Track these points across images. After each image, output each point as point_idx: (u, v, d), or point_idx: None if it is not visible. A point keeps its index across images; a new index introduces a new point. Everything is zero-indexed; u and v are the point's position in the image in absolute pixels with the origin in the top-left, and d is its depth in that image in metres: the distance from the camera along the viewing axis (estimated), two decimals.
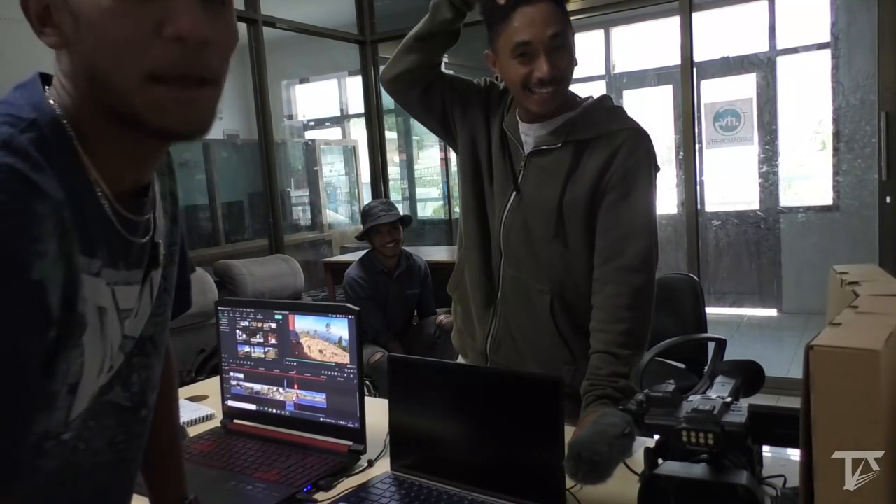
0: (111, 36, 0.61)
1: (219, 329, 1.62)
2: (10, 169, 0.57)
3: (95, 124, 0.66)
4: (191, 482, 1.33)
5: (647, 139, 1.46)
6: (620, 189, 1.42)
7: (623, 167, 1.42)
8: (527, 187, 1.50)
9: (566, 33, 1.39)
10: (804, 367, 0.65)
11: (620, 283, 1.41)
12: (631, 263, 1.42)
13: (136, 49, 0.61)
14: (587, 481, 0.80)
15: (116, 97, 0.63)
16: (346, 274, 3.64)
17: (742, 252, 6.09)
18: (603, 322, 1.41)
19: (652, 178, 1.46)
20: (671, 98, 6.01)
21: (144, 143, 0.68)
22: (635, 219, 1.43)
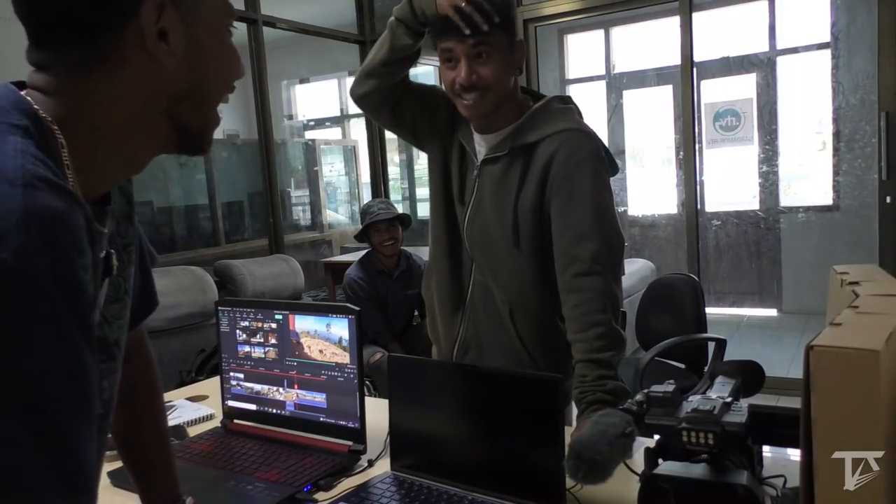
0: (227, 67, 0.73)
1: (219, 329, 1.62)
2: (47, 181, 0.56)
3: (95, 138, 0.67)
4: (191, 482, 1.33)
5: (588, 138, 1.44)
6: (563, 193, 1.42)
7: (564, 170, 1.42)
8: (482, 196, 1.52)
9: (492, 42, 1.40)
10: (804, 367, 0.65)
11: (582, 290, 1.39)
12: (587, 268, 1.39)
13: (232, 81, 0.74)
14: (587, 481, 0.80)
15: (202, 115, 0.73)
16: (346, 274, 3.64)
17: (742, 252, 6.09)
18: (576, 332, 1.40)
19: (598, 178, 1.42)
20: (671, 98, 6.00)
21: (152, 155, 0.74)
22: (582, 222, 1.40)
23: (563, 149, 1.42)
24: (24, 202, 0.53)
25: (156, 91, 0.69)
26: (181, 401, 1.82)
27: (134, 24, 0.66)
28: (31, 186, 0.55)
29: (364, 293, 3.54)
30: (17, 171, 0.55)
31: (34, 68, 0.68)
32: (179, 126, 0.71)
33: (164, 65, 0.68)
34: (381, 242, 3.52)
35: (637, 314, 3.19)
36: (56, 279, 0.54)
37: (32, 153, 0.59)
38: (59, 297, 0.54)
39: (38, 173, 0.56)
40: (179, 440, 1.56)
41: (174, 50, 0.68)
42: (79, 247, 0.57)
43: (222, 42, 0.72)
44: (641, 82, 6.44)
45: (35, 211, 0.54)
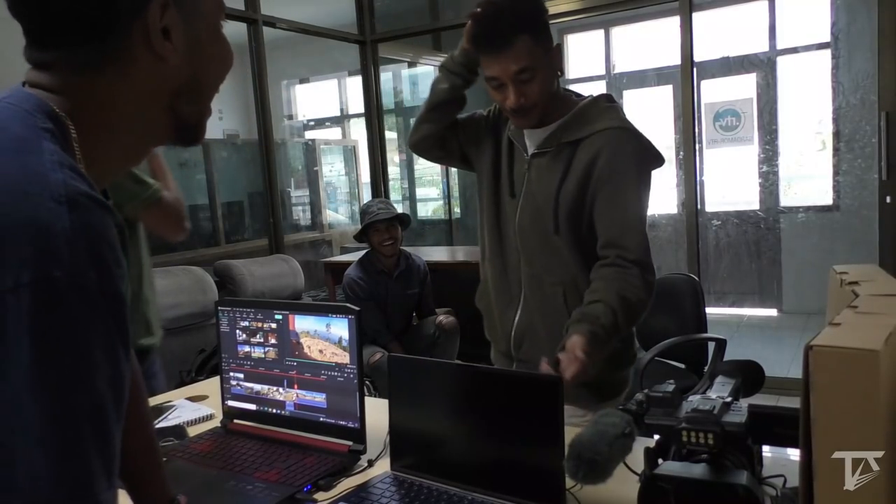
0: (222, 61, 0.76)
1: (219, 329, 1.62)
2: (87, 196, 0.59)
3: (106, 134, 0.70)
4: (191, 482, 1.33)
5: (632, 137, 1.51)
6: (608, 189, 1.49)
7: (608, 167, 1.48)
8: (531, 186, 1.59)
9: (534, 67, 1.46)
10: (804, 367, 0.65)
11: (626, 269, 1.46)
12: (633, 255, 1.47)
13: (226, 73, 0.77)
14: (587, 481, 0.80)
15: (200, 107, 0.76)
16: (346, 274, 3.64)
17: (742, 252, 6.09)
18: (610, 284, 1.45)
19: (639, 176, 1.51)
20: (671, 98, 6.01)
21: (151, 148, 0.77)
22: (627, 216, 1.49)
23: (608, 147, 1.48)
24: (71, 220, 0.56)
25: (160, 86, 0.72)
26: (181, 401, 1.82)
27: (140, 23, 0.68)
28: (75, 204, 0.57)
29: (363, 293, 3.54)
30: (61, 188, 0.57)
31: (35, 67, 0.69)
32: (179, 119, 0.74)
33: (167, 61, 0.70)
34: (380, 242, 3.52)
35: None
36: (103, 294, 0.57)
37: (68, 164, 0.61)
38: (107, 311, 0.57)
39: (79, 189, 0.58)
40: (179, 440, 1.56)
41: (177, 47, 0.70)
42: (118, 260, 0.59)
43: (217, 37, 0.75)
44: (641, 82, 6.44)
45: (81, 228, 0.56)
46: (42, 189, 0.56)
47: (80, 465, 0.56)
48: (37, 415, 0.54)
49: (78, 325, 0.55)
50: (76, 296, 0.55)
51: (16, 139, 0.61)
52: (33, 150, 0.60)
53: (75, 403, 0.55)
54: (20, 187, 0.56)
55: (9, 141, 0.60)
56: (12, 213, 0.55)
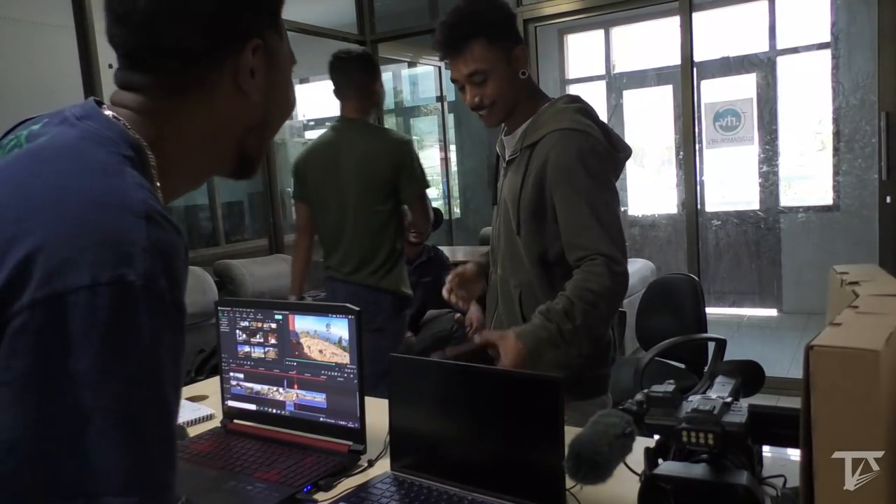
0: (290, 107, 0.85)
1: (219, 329, 1.62)
2: (163, 216, 0.63)
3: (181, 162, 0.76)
4: (191, 482, 1.33)
5: (581, 136, 1.52)
6: (560, 190, 1.52)
7: (555, 170, 1.52)
8: (504, 193, 1.66)
9: (486, 69, 1.54)
10: (804, 367, 0.65)
11: (591, 261, 1.48)
12: (591, 249, 1.48)
13: (289, 115, 0.86)
14: (587, 481, 0.80)
15: (263, 144, 0.82)
16: None
17: (742, 252, 6.09)
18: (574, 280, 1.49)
19: (587, 174, 1.50)
20: (671, 98, 6.01)
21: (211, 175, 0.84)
22: (580, 217, 1.50)
23: (556, 147, 1.51)
24: (147, 233, 0.60)
25: (236, 119, 0.78)
26: (181, 401, 1.82)
27: (233, 59, 0.75)
28: (152, 220, 0.62)
29: None
30: (140, 205, 0.62)
31: (123, 87, 0.75)
32: (244, 151, 0.81)
33: (249, 98, 0.77)
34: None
35: (637, 314, 3.19)
36: (172, 303, 0.61)
37: (147, 187, 0.66)
38: (173, 320, 0.62)
39: (156, 208, 0.64)
40: (179, 440, 1.55)
41: (258, 86, 0.77)
42: (185, 275, 0.65)
43: (288, 84, 0.83)
44: (641, 82, 6.44)
45: (156, 241, 0.61)
46: (124, 203, 0.62)
47: (148, 465, 0.58)
48: (104, 410, 0.56)
49: (149, 326, 0.58)
50: (149, 300, 0.59)
51: (102, 163, 0.66)
52: (116, 172, 0.65)
53: (144, 401, 0.58)
54: (104, 201, 0.62)
55: (95, 163, 0.65)
56: (96, 223, 0.60)
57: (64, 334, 0.55)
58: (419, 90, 7.01)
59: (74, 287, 0.56)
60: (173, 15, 0.71)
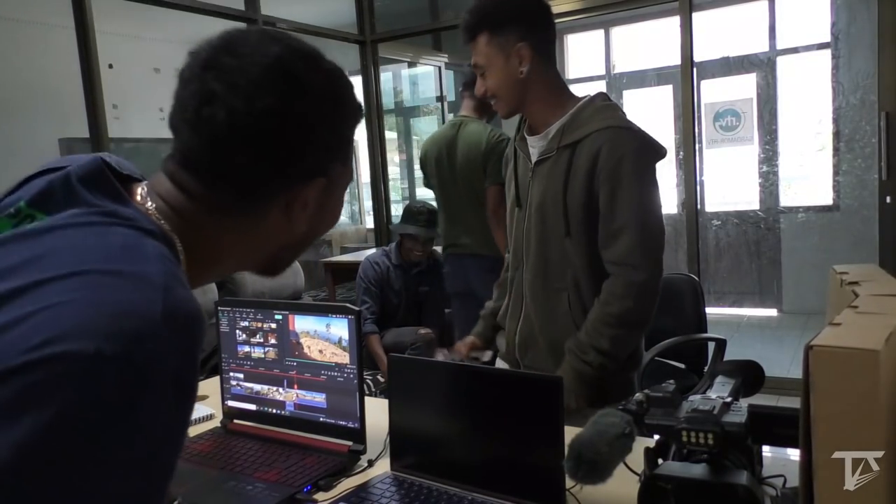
0: (335, 219, 0.80)
1: (219, 329, 1.62)
2: (182, 286, 0.60)
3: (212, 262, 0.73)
4: (191, 482, 1.33)
5: (629, 135, 1.52)
6: (607, 187, 1.50)
7: (607, 166, 1.50)
8: (536, 194, 1.61)
9: (485, 64, 1.57)
10: (804, 367, 0.65)
11: (614, 276, 1.53)
12: (619, 258, 1.51)
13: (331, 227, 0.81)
14: (587, 481, 0.80)
15: (297, 255, 0.80)
16: (367, 256, 3.69)
17: (742, 252, 6.08)
18: (598, 302, 1.55)
19: (638, 174, 1.51)
20: (671, 98, 6.00)
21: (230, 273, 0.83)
22: (621, 217, 1.50)
23: (607, 146, 1.49)
24: (164, 307, 0.56)
25: (275, 240, 0.75)
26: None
27: (291, 192, 0.71)
28: (171, 294, 0.58)
29: (372, 277, 3.58)
30: (161, 276, 0.59)
31: (171, 180, 0.70)
32: (273, 261, 0.79)
33: (297, 227, 0.74)
34: (411, 249, 3.56)
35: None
36: (175, 383, 0.56)
37: (170, 257, 0.63)
38: (175, 402, 0.57)
39: (177, 277, 0.61)
40: None
41: (308, 217, 0.74)
42: (200, 352, 0.61)
43: (339, 204, 0.79)
44: (641, 82, 6.43)
45: (171, 318, 0.56)
46: (143, 275, 0.58)
47: None
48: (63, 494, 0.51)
49: (143, 408, 0.54)
50: (149, 381, 0.54)
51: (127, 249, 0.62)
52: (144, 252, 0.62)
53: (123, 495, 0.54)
54: (125, 274, 0.58)
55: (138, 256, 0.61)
56: (110, 293, 0.56)
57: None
58: (419, 90, 7.01)
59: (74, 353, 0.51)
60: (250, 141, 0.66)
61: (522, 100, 1.59)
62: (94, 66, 3.35)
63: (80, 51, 3.37)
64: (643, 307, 1.53)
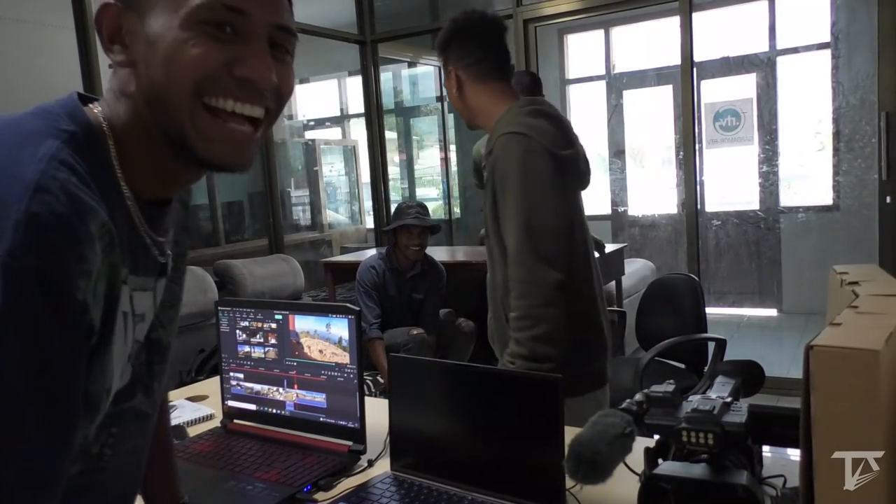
0: (183, 63, 0.65)
1: (219, 329, 1.62)
2: (62, 188, 0.57)
3: (140, 142, 0.69)
4: (191, 482, 1.33)
5: (519, 138, 1.55)
6: (499, 191, 1.58)
7: (497, 172, 1.58)
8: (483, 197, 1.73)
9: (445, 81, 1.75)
10: (804, 367, 0.65)
11: (510, 278, 1.57)
12: (510, 256, 1.56)
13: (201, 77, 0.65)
14: (587, 481, 0.80)
15: (172, 118, 0.66)
16: (364, 260, 3.68)
17: (742, 252, 6.09)
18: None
19: (523, 174, 1.54)
20: (671, 98, 6.00)
21: (186, 167, 0.71)
22: (510, 218, 1.55)
23: (496, 152, 1.58)
24: (29, 204, 0.55)
25: (130, 92, 0.68)
26: (181, 401, 1.82)
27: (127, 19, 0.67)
28: (43, 190, 0.56)
29: (369, 282, 3.58)
30: (34, 175, 0.56)
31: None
32: (161, 132, 0.68)
33: (121, 65, 0.69)
34: (406, 245, 3.55)
35: (637, 314, 3.19)
36: (40, 282, 0.54)
37: (62, 159, 0.60)
38: (39, 298, 0.54)
39: (59, 180, 0.57)
40: (179, 440, 1.56)
41: (131, 50, 0.67)
42: (78, 253, 0.57)
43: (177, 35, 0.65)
44: (641, 82, 6.43)
45: (36, 215, 0.55)
46: (16, 174, 0.56)
47: None
48: None
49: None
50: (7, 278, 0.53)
51: (25, 135, 0.61)
52: (33, 143, 0.60)
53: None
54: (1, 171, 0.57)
55: (17, 136, 0.61)
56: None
57: None
58: (419, 90, 7.02)
59: None
60: None
61: (471, 115, 1.73)
62: (94, 66, 3.35)
63: (80, 51, 3.37)
64: (532, 305, 1.52)
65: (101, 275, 0.60)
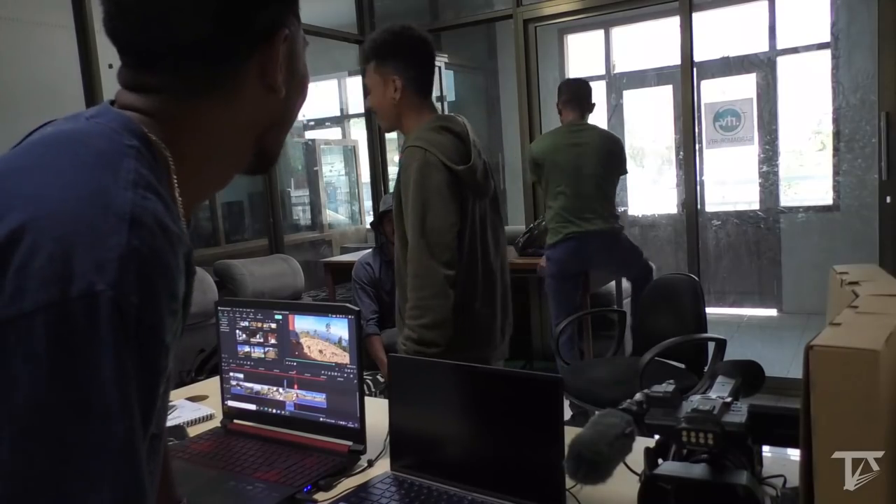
0: (306, 93, 0.75)
1: (219, 329, 1.62)
2: (156, 219, 0.56)
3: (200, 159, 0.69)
4: (191, 482, 1.33)
5: (418, 151, 1.76)
6: (403, 196, 1.80)
7: (402, 178, 1.81)
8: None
9: (369, 86, 1.91)
10: (804, 367, 0.65)
11: (408, 271, 1.79)
12: (409, 253, 1.78)
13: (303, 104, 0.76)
14: (587, 481, 0.80)
15: (283, 138, 0.75)
16: (359, 258, 3.68)
17: (742, 252, 6.08)
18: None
19: (418, 183, 1.74)
20: (671, 98, 6.00)
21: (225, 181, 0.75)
22: (409, 220, 1.77)
23: (402, 161, 1.82)
24: (129, 239, 0.54)
25: (261, 118, 0.71)
26: (181, 401, 1.82)
27: (260, 54, 0.67)
28: (139, 224, 0.55)
29: (366, 278, 3.57)
30: (127, 206, 0.55)
31: (130, 89, 0.67)
32: (262, 149, 0.73)
33: (278, 93, 0.69)
34: (392, 232, 3.53)
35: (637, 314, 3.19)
36: (138, 322, 0.54)
37: (147, 184, 0.59)
38: (134, 339, 0.53)
39: (149, 210, 0.56)
40: (179, 440, 1.56)
41: (285, 80, 0.70)
42: (172, 292, 0.57)
43: (306, 68, 0.74)
44: (641, 82, 6.43)
45: (137, 250, 0.54)
46: (106, 201, 0.55)
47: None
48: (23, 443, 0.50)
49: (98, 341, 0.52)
50: (108, 314, 0.52)
51: (97, 154, 0.59)
52: (111, 165, 0.58)
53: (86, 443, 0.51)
54: (87, 201, 0.55)
55: (89, 156, 0.59)
56: (73, 226, 0.53)
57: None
58: None
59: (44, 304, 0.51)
60: (186, 6, 0.63)
61: (396, 120, 1.91)
62: (94, 66, 3.35)
63: (80, 51, 3.37)
64: (423, 297, 1.74)
65: (180, 312, 0.59)
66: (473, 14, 5.02)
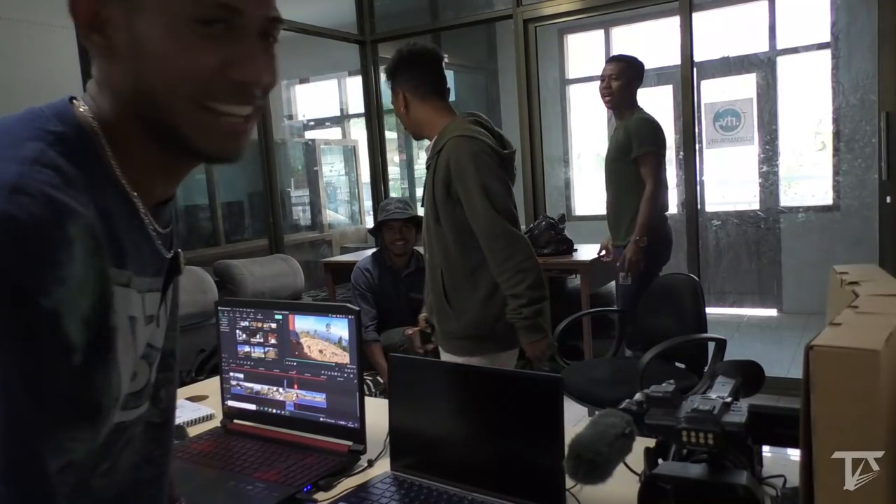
0: (174, 64, 0.63)
1: (219, 329, 1.62)
2: (40, 191, 0.56)
3: (132, 135, 0.67)
4: (191, 482, 1.33)
5: (469, 141, 1.96)
6: (461, 187, 1.97)
7: (456, 170, 1.96)
8: (425, 190, 2.14)
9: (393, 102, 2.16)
10: (804, 367, 0.65)
11: (487, 253, 1.99)
12: (482, 237, 1.98)
13: (194, 80, 0.64)
14: (587, 481, 0.80)
15: (162, 115, 0.65)
16: (357, 263, 3.66)
17: (742, 252, 6.08)
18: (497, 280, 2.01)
19: (479, 170, 1.94)
20: (671, 98, 6.00)
21: (179, 158, 0.71)
22: (474, 207, 1.95)
23: (452, 153, 1.97)
24: (4, 207, 0.53)
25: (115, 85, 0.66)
26: (181, 401, 1.82)
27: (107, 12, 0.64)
28: (19, 192, 0.54)
29: (365, 284, 3.56)
30: (11, 178, 0.55)
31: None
32: (150, 125, 0.67)
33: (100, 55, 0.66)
34: (391, 241, 3.53)
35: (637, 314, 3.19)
36: (14, 287, 0.53)
37: (45, 161, 0.58)
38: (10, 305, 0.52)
39: (38, 183, 0.56)
40: (179, 440, 1.56)
41: (112, 40, 0.64)
42: (54, 259, 0.55)
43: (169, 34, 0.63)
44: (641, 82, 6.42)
45: (11, 216, 0.53)
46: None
47: None
48: None
49: None
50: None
51: (10, 139, 0.60)
52: (14, 146, 0.59)
53: None
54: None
55: (2, 141, 0.60)
56: None
57: None
58: None
59: None
60: None
61: (418, 127, 2.14)
62: None
63: (80, 51, 3.37)
64: (519, 262, 1.95)
65: (83, 281, 0.58)
66: (473, 14, 5.02)
